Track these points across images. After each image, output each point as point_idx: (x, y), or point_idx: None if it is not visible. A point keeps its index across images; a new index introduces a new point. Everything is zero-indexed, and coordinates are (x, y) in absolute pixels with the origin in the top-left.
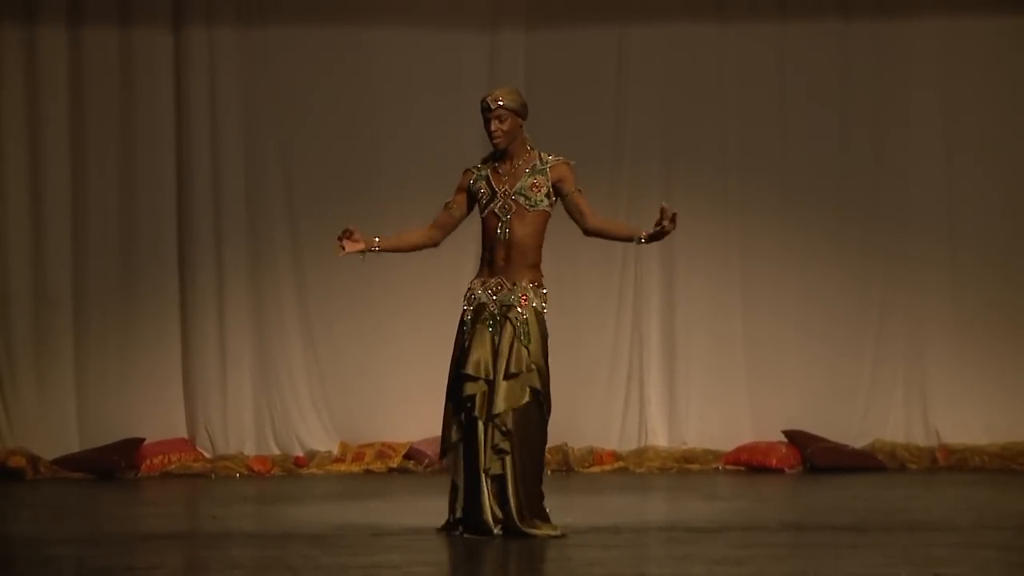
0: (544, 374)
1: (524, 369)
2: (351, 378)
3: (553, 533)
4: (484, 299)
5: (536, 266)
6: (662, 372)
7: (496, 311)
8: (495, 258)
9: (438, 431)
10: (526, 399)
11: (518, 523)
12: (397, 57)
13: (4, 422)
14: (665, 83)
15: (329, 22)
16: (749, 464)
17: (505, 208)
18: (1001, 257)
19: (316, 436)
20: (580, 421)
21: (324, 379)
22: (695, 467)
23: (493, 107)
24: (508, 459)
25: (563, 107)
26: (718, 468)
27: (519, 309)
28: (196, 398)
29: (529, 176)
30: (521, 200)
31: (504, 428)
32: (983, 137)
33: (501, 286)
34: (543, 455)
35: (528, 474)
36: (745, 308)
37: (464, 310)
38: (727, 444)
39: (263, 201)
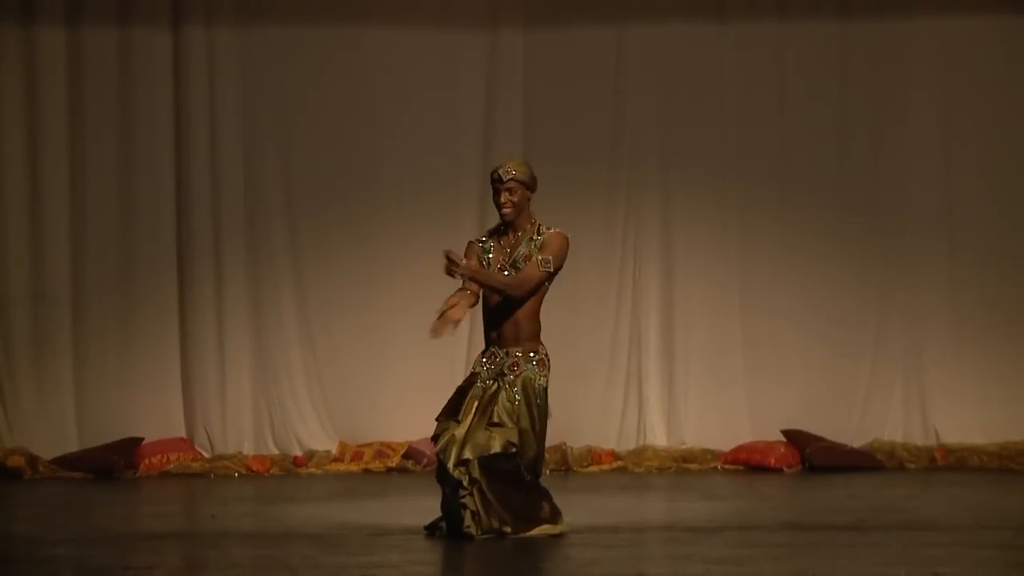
0: (529, 436)
1: (505, 422)
2: (350, 378)
3: (552, 532)
4: (479, 369)
5: (533, 337)
6: (661, 372)
7: (489, 379)
8: (492, 331)
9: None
10: (494, 450)
11: (510, 534)
12: (396, 56)
13: (3, 421)
14: (663, 83)
15: (328, 21)
16: (748, 464)
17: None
18: (999, 257)
19: (315, 436)
20: (579, 421)
21: (323, 379)
22: (694, 467)
23: (505, 179)
24: (478, 492)
25: (561, 107)
26: (717, 468)
27: (510, 376)
28: (195, 398)
29: (524, 247)
30: (514, 272)
31: (466, 478)
32: (981, 137)
33: (496, 355)
34: (529, 475)
35: (509, 495)
36: (744, 308)
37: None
38: (726, 444)
39: (262, 201)
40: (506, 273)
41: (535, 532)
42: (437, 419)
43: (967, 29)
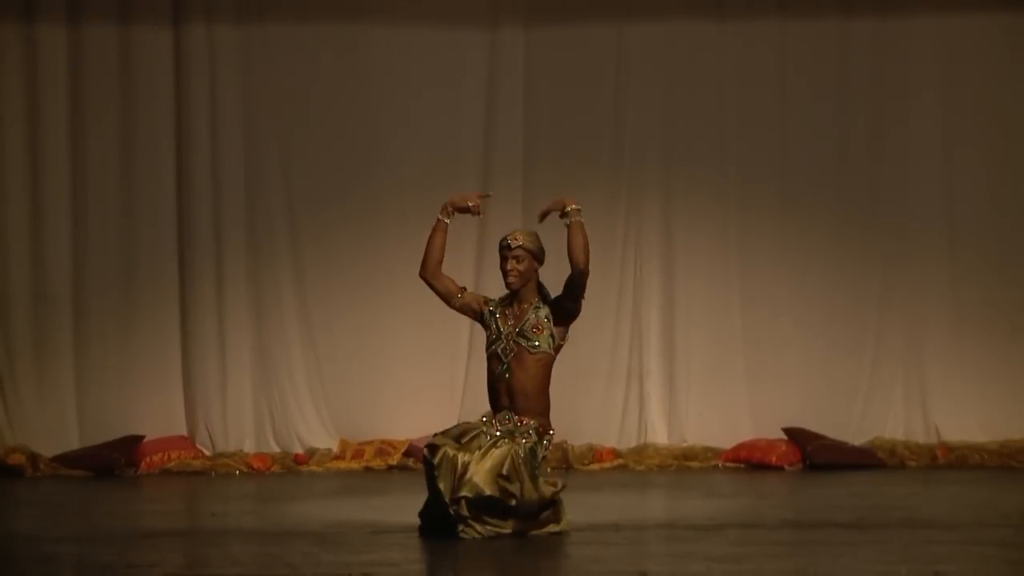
0: (531, 494)
1: (513, 477)
2: (351, 376)
3: (553, 530)
4: (485, 428)
5: (543, 413)
6: (662, 370)
7: (498, 433)
8: (498, 400)
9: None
10: (488, 493)
11: (510, 534)
12: (397, 54)
13: (4, 419)
14: (664, 81)
15: (329, 19)
16: (749, 461)
17: (507, 350)
18: (1000, 255)
19: (316, 434)
20: (580, 418)
21: (323, 377)
22: (695, 464)
23: (513, 246)
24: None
25: (563, 104)
26: (718, 465)
27: (519, 437)
28: (196, 396)
29: (532, 315)
30: (522, 342)
31: (463, 511)
32: (982, 135)
33: (506, 420)
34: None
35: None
36: (745, 306)
37: None
38: (727, 441)
39: (263, 198)
40: (516, 340)
41: (537, 532)
42: (435, 436)
43: (969, 27)
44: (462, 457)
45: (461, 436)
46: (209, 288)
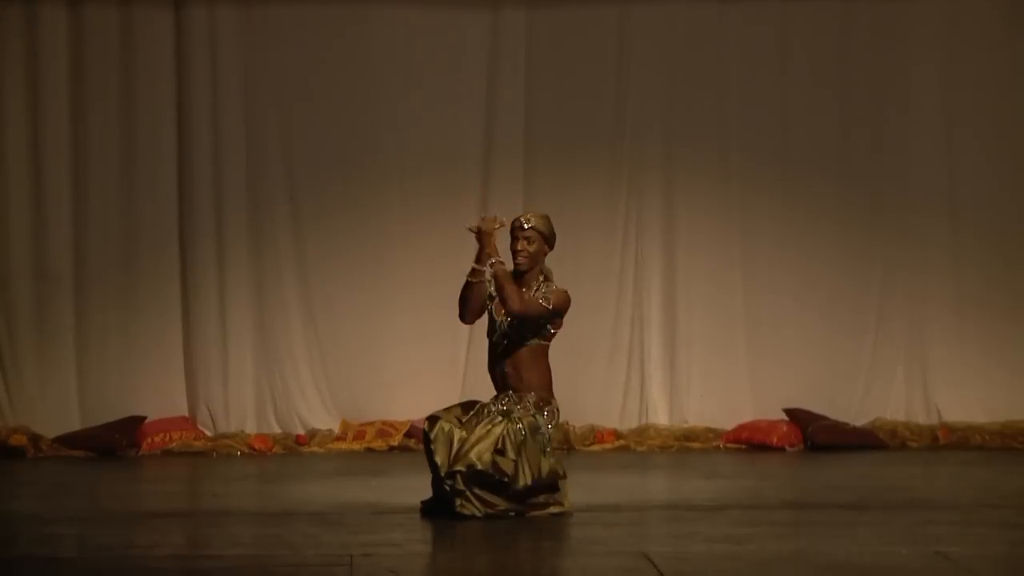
0: (523, 470)
1: (508, 452)
2: (352, 356)
3: (555, 511)
4: (489, 406)
5: (543, 387)
6: (663, 350)
7: (497, 413)
8: (498, 382)
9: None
10: (479, 467)
11: (512, 514)
12: (398, 36)
13: (5, 400)
14: (666, 62)
15: (330, 1)
16: (750, 442)
17: (503, 337)
18: (1001, 235)
19: (317, 414)
20: (581, 400)
21: (325, 358)
22: (696, 445)
23: (526, 227)
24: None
25: (564, 86)
26: (719, 446)
27: (516, 414)
28: (197, 376)
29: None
30: (519, 329)
31: (459, 486)
32: (984, 116)
33: (505, 398)
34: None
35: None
36: (746, 287)
37: None
38: (728, 422)
39: (264, 180)
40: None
41: (538, 513)
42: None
43: (970, 8)
44: (459, 433)
45: (464, 414)
46: (211, 269)
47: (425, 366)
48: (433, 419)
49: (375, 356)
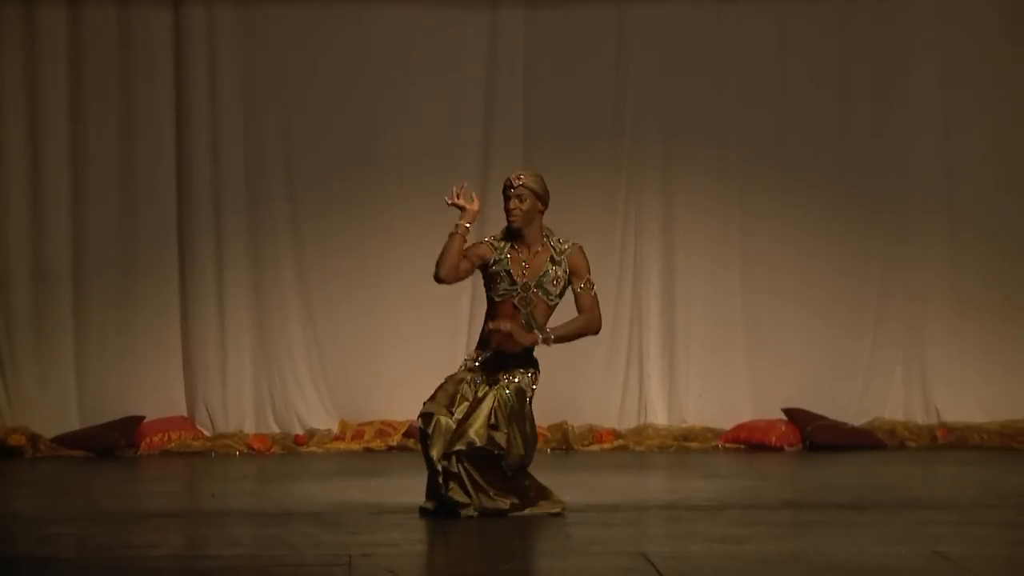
0: (516, 441)
1: (500, 425)
2: (351, 356)
3: (552, 510)
4: (472, 367)
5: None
6: (662, 350)
7: (481, 381)
8: (491, 341)
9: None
10: (478, 444)
11: (507, 511)
12: (397, 35)
13: (4, 400)
14: (665, 61)
15: (329, 0)
16: (748, 442)
17: (526, 301)
18: (1000, 235)
19: (316, 414)
20: (579, 399)
21: (324, 357)
22: (694, 445)
23: (515, 184)
24: (467, 476)
25: (563, 85)
26: (717, 446)
27: (504, 381)
28: (196, 376)
29: (549, 269)
30: (542, 294)
31: (452, 468)
32: (983, 114)
33: (493, 359)
34: (511, 472)
35: (495, 477)
36: (745, 286)
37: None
38: (726, 422)
39: (263, 179)
40: (535, 291)
41: (533, 510)
42: (426, 404)
43: (969, 5)
44: (451, 421)
45: (451, 403)
46: (209, 268)
47: (424, 366)
48: (428, 415)
49: (374, 356)
